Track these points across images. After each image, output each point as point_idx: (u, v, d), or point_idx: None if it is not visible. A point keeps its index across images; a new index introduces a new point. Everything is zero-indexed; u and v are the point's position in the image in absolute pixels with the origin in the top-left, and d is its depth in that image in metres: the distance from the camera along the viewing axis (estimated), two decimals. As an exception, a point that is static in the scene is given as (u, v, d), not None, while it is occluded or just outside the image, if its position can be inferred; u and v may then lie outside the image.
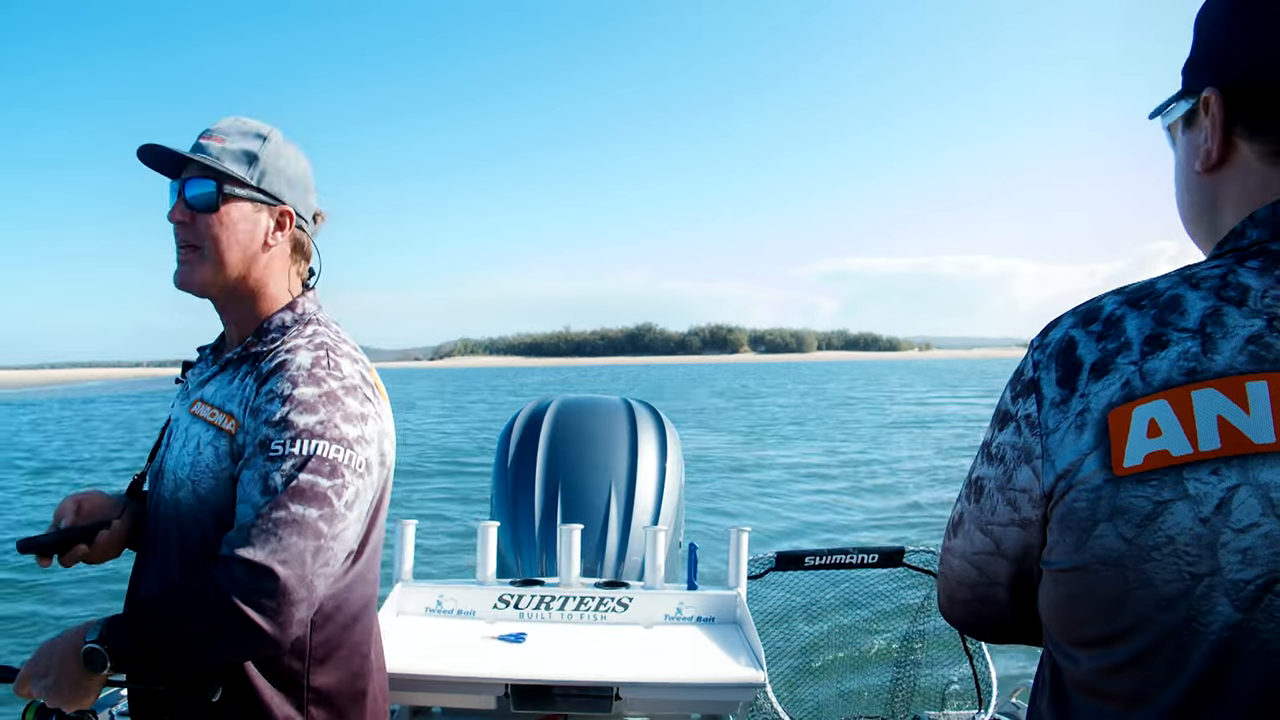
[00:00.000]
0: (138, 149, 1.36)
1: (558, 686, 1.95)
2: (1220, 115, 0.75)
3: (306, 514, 1.19)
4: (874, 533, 10.32)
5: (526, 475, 2.79)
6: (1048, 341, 0.75)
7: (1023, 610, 0.83)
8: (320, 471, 1.21)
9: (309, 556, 1.18)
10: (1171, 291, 0.71)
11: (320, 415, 1.24)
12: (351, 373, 1.31)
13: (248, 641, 1.16)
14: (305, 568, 1.18)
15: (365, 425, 1.29)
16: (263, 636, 1.15)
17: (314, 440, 1.22)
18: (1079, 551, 0.70)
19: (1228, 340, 0.66)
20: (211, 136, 1.36)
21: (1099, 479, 0.68)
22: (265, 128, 1.41)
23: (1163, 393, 0.67)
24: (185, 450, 1.32)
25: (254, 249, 1.38)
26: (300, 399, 1.24)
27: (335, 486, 1.22)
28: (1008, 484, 0.76)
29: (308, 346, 1.31)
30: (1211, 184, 0.78)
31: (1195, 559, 0.64)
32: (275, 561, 1.15)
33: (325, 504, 1.21)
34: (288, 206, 1.41)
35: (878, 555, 2.90)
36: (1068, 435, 0.70)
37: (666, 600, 2.35)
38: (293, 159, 1.43)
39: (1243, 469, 0.64)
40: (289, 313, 1.39)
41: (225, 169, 1.34)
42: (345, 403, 1.27)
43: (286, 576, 1.16)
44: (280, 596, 1.15)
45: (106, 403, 48.16)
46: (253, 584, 1.15)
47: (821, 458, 18.03)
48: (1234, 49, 0.75)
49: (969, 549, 0.84)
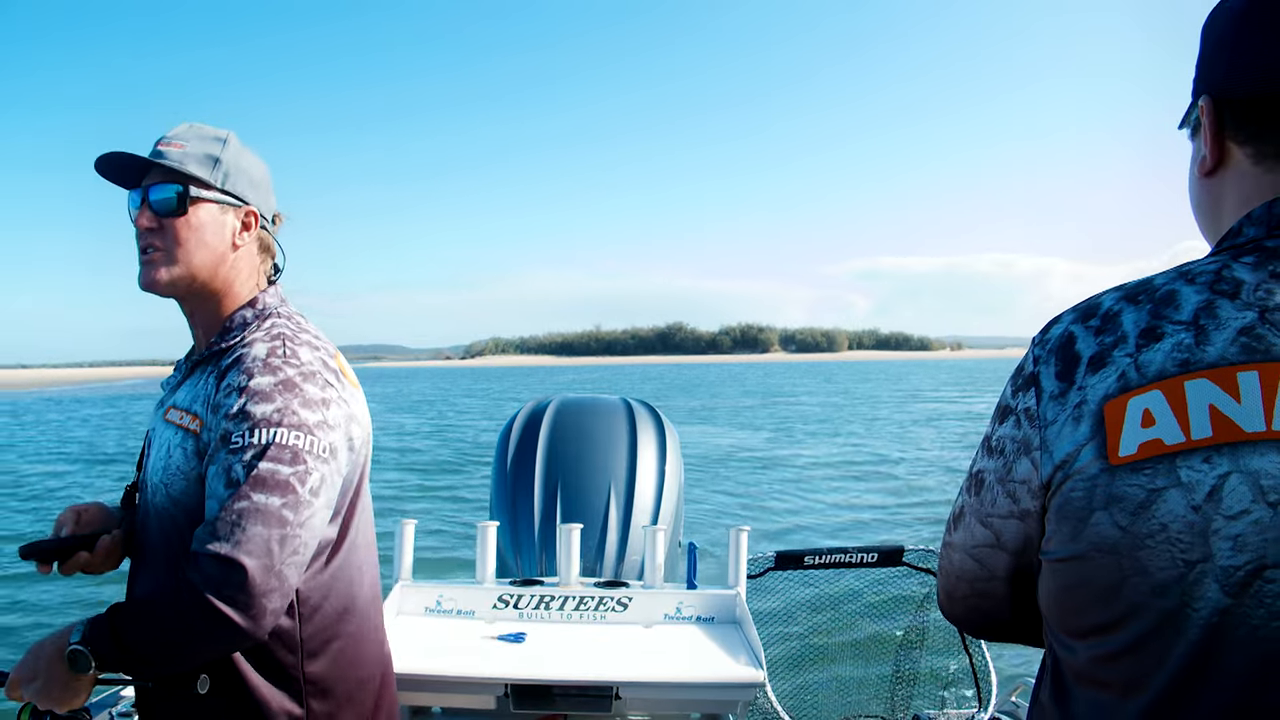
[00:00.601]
0: (95, 160, 1.36)
1: (557, 686, 1.95)
2: (1211, 123, 0.78)
3: (269, 503, 1.19)
4: (894, 531, 10.35)
5: (526, 475, 2.79)
6: (1048, 337, 0.77)
7: (1020, 606, 0.84)
8: (280, 459, 1.21)
9: (275, 545, 1.18)
10: (1167, 287, 0.73)
11: (277, 403, 1.24)
12: (310, 359, 1.31)
13: (222, 635, 1.16)
14: (272, 557, 1.17)
15: (327, 410, 1.28)
16: (235, 629, 1.15)
17: (272, 429, 1.22)
18: (1075, 540, 0.71)
19: (1220, 332, 0.68)
20: (170, 143, 1.37)
21: (1095, 468, 0.70)
22: (222, 132, 1.42)
23: (1157, 383, 0.68)
24: (159, 457, 1.33)
25: (222, 250, 1.38)
26: (256, 389, 1.24)
27: (298, 473, 1.22)
28: (1007, 476, 0.78)
29: (264, 339, 1.32)
30: (1212, 186, 0.81)
31: (1188, 546, 0.66)
32: (241, 553, 1.15)
33: (288, 491, 1.20)
34: (252, 207, 1.42)
35: (877, 554, 2.90)
36: (1065, 427, 0.72)
37: (666, 600, 2.35)
38: (253, 161, 1.45)
39: (1234, 457, 0.65)
40: (249, 309, 1.39)
41: (189, 172, 1.35)
42: (303, 389, 1.27)
43: (253, 567, 1.15)
44: (249, 588, 1.15)
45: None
46: (221, 577, 1.15)
47: (840, 454, 18.29)
48: (1216, 61, 0.79)
49: (969, 542, 0.85)
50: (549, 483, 2.76)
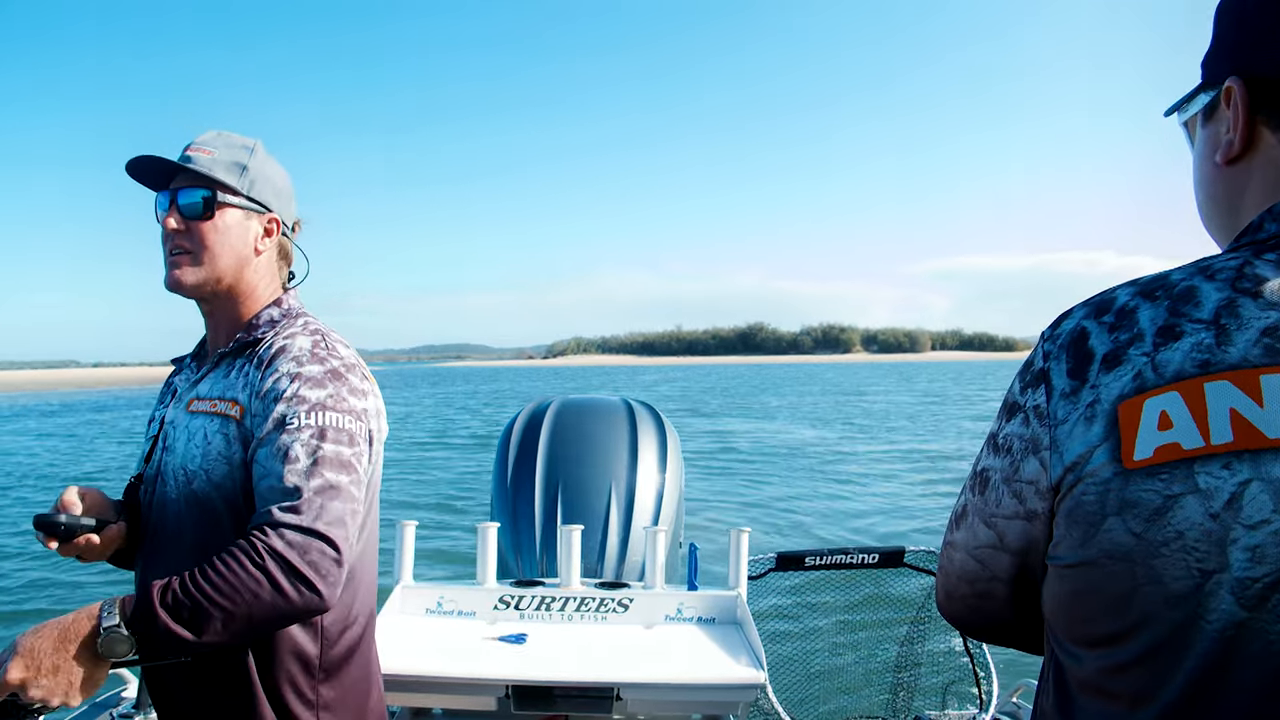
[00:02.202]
0: (127, 162, 1.40)
1: (558, 687, 1.95)
2: (1244, 104, 0.74)
3: (339, 480, 1.24)
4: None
5: (527, 476, 2.79)
6: (1059, 332, 0.74)
7: (1021, 609, 0.81)
8: (341, 440, 1.27)
9: (349, 519, 1.24)
10: (1186, 283, 0.69)
11: (329, 389, 1.31)
12: (347, 354, 1.39)
13: (303, 603, 1.18)
14: (348, 530, 1.23)
15: (366, 401, 1.35)
16: (318, 596, 1.18)
17: (328, 412, 1.28)
18: (1086, 546, 0.68)
19: (1242, 332, 0.65)
20: (199, 149, 1.42)
21: (1108, 471, 0.67)
22: (250, 140, 1.48)
23: (1175, 384, 0.65)
24: (193, 444, 1.35)
25: (245, 254, 1.44)
26: (308, 375, 1.31)
27: (355, 454, 1.28)
28: (1014, 475, 0.75)
29: (304, 332, 1.38)
30: (1233, 175, 0.77)
31: (1204, 555, 0.63)
32: (324, 526, 1.20)
33: (351, 470, 1.27)
34: (275, 214, 1.48)
35: (878, 555, 2.89)
36: (1077, 427, 0.69)
37: (667, 601, 2.34)
38: (277, 170, 1.51)
39: (1255, 463, 0.62)
40: (275, 308, 1.46)
41: (218, 178, 1.40)
42: (348, 379, 1.34)
43: (339, 538, 1.20)
44: (335, 558, 1.20)
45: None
46: (307, 545, 1.18)
47: (893, 450, 18.78)
48: (1260, 38, 0.74)
49: (972, 542, 0.82)
50: (550, 484, 2.75)
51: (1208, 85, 0.79)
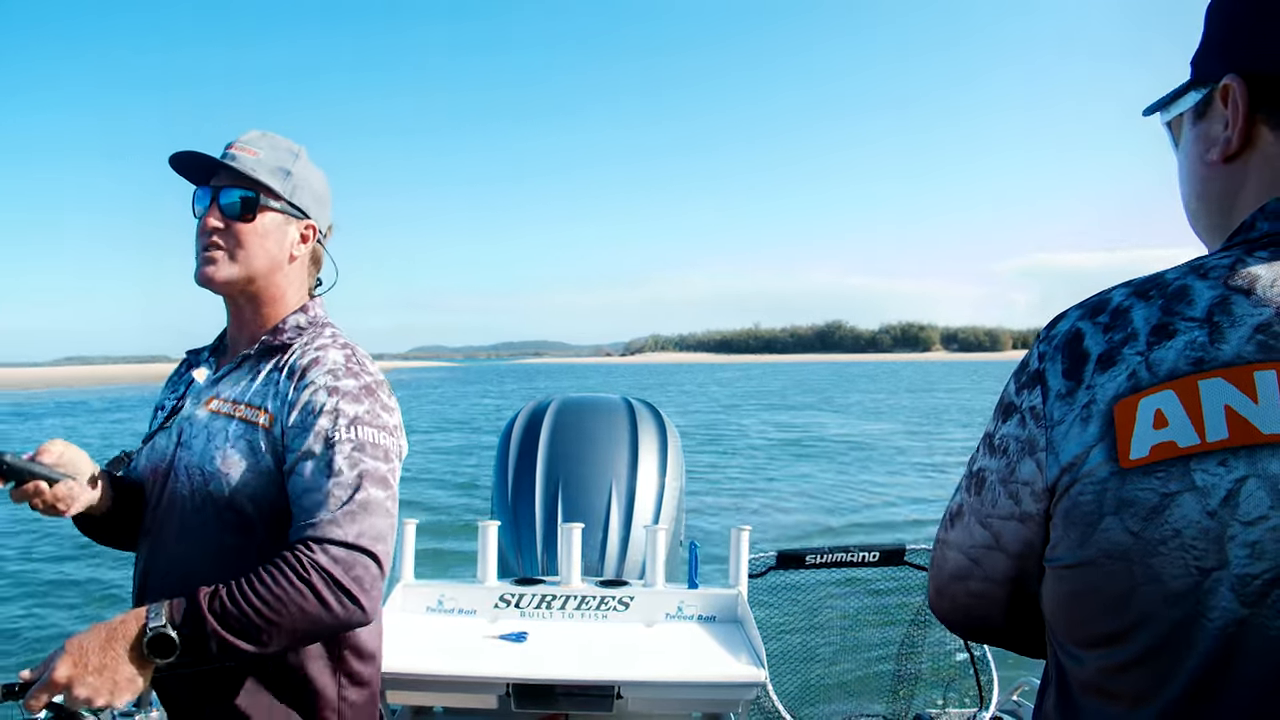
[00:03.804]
0: (171, 155, 1.40)
1: (559, 686, 1.95)
2: (1244, 101, 0.74)
3: (377, 495, 1.27)
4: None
5: (527, 474, 2.79)
6: (1054, 333, 0.74)
7: (1014, 611, 0.81)
8: (379, 456, 1.30)
9: (388, 534, 1.27)
10: (1179, 282, 0.69)
11: (366, 405, 1.33)
12: (376, 371, 1.40)
13: (346, 616, 1.21)
14: (388, 545, 1.27)
15: (393, 417, 1.38)
16: (361, 610, 1.22)
17: (366, 428, 1.31)
18: (1084, 546, 0.68)
19: (1236, 329, 0.65)
20: (244, 148, 1.42)
21: (1105, 471, 0.67)
22: (295, 145, 1.48)
23: (1169, 383, 0.65)
24: (213, 445, 1.35)
25: (280, 258, 1.44)
26: (345, 390, 1.33)
27: (391, 470, 1.32)
28: (1010, 476, 0.75)
29: (334, 345, 1.40)
30: (1228, 174, 0.77)
31: (1203, 553, 0.63)
32: (366, 540, 1.23)
33: (387, 486, 1.30)
34: (313, 221, 1.49)
35: (879, 553, 2.89)
36: (1073, 427, 0.69)
37: (667, 599, 2.34)
38: (318, 177, 1.51)
39: (1251, 460, 0.62)
40: (302, 315, 1.46)
41: (262, 180, 1.40)
42: (380, 395, 1.37)
43: (380, 553, 1.24)
44: (377, 572, 1.24)
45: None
46: (352, 559, 1.22)
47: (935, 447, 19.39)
48: (1260, 35, 0.73)
49: (967, 541, 0.82)
50: (550, 482, 2.75)
51: (1199, 83, 0.79)
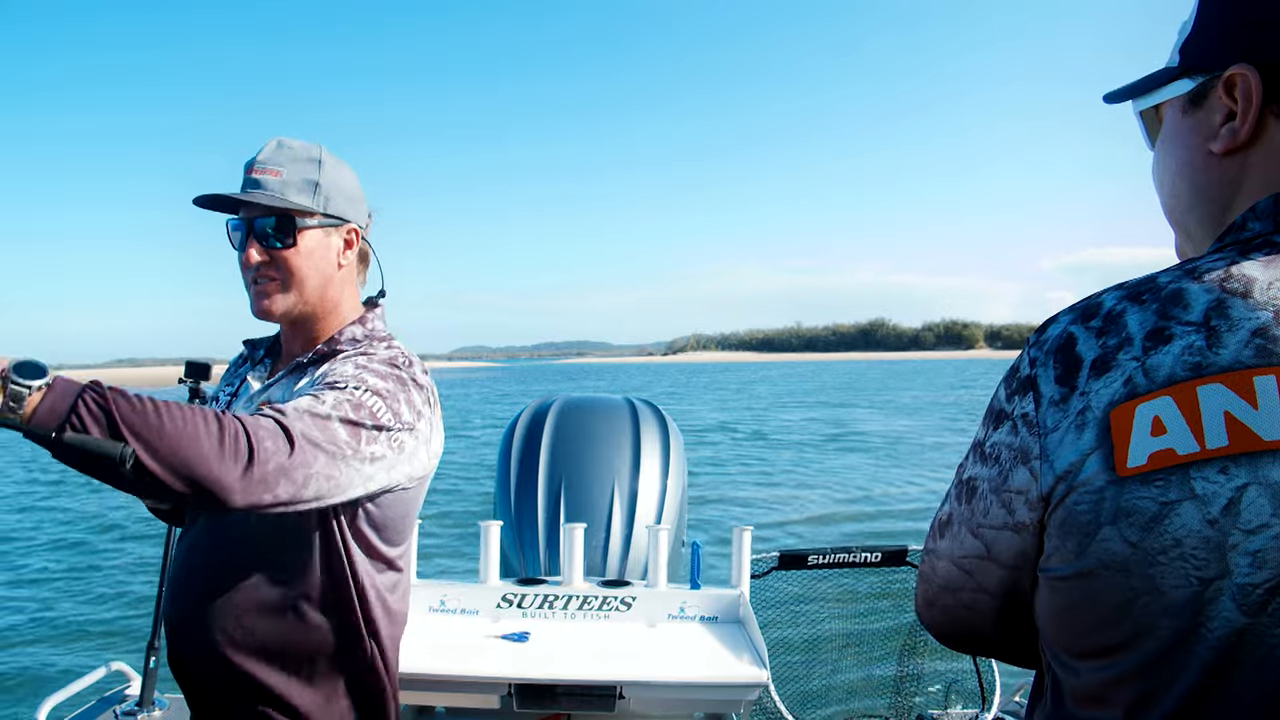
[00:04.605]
0: (194, 199, 1.36)
1: (561, 686, 1.95)
2: (1259, 93, 0.71)
3: (339, 430, 1.21)
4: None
5: (529, 474, 2.79)
6: (1045, 338, 0.72)
7: (1006, 622, 0.80)
8: (366, 416, 1.24)
9: (321, 455, 1.17)
10: (1173, 285, 0.68)
11: (389, 385, 1.29)
12: (424, 381, 1.37)
13: (226, 460, 1.07)
14: (312, 456, 1.16)
15: (418, 422, 1.32)
16: (240, 462, 1.08)
17: (374, 396, 1.26)
18: (1081, 557, 0.67)
19: (1233, 333, 0.63)
20: (266, 170, 1.36)
21: (1101, 480, 0.65)
22: (314, 149, 1.42)
23: (1167, 389, 0.64)
24: None
25: (329, 272, 1.42)
26: (375, 370, 1.30)
27: (370, 434, 1.24)
28: (1003, 485, 0.73)
29: (385, 348, 1.38)
30: (1227, 165, 0.74)
31: (1203, 562, 0.61)
32: (295, 432, 1.15)
33: (355, 435, 1.22)
34: (353, 224, 1.45)
35: (881, 554, 2.89)
36: (1067, 435, 0.67)
37: (670, 599, 2.34)
38: (346, 174, 1.45)
39: (1252, 467, 0.61)
40: (359, 327, 1.43)
41: (293, 204, 1.35)
42: (412, 395, 1.32)
43: (298, 448, 1.14)
44: (276, 455, 1.12)
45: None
46: (271, 429, 1.13)
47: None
48: (1262, 21, 0.71)
49: (957, 551, 0.80)
50: (553, 482, 2.76)
51: (1193, 70, 0.76)
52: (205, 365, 1.36)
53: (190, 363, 1.55)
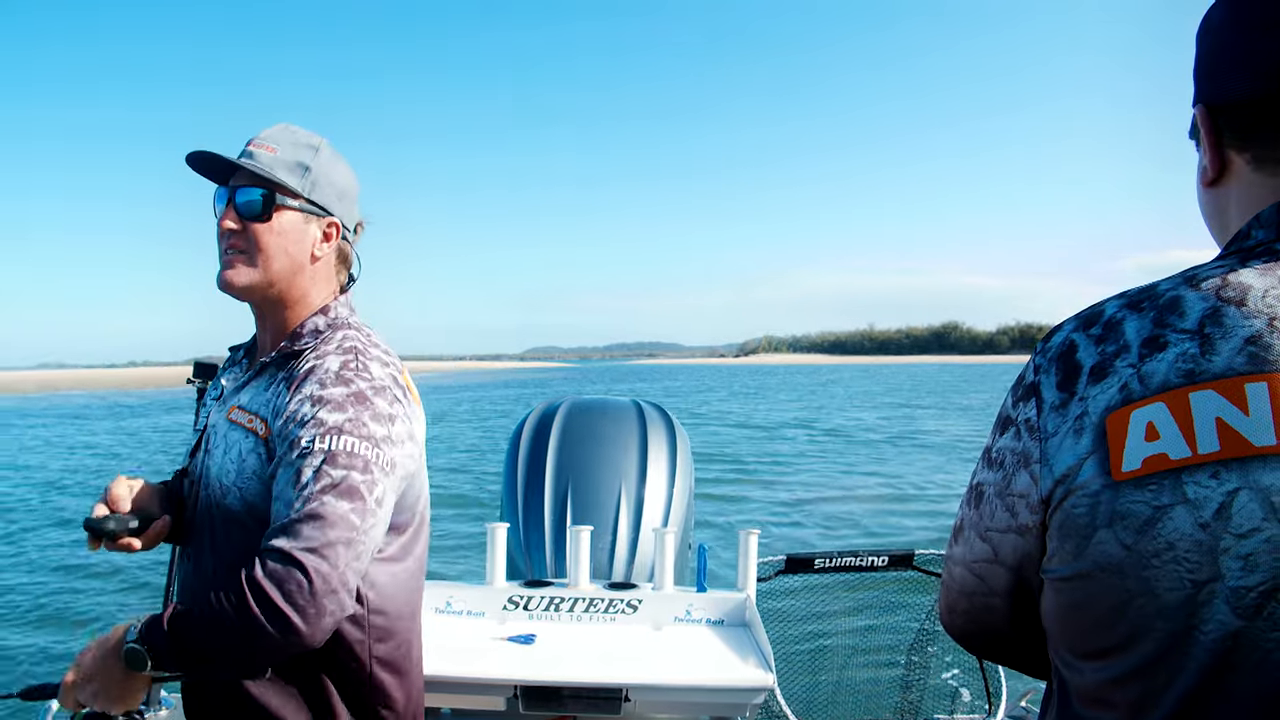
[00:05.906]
0: (187, 155, 1.37)
1: (567, 688, 1.96)
2: (1208, 130, 0.76)
3: (339, 506, 1.19)
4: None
5: (536, 477, 2.80)
6: (1049, 345, 0.74)
7: (1020, 624, 0.81)
8: (352, 466, 1.22)
9: (341, 549, 1.17)
10: (1171, 293, 0.70)
11: (349, 414, 1.25)
12: (381, 375, 1.32)
13: (279, 635, 1.14)
14: (338, 559, 1.17)
15: (393, 425, 1.29)
16: (293, 629, 1.14)
17: (343, 436, 1.23)
18: (1078, 559, 0.69)
19: (1227, 341, 0.65)
20: (262, 145, 1.37)
21: (1097, 484, 0.67)
22: (316, 138, 1.42)
23: (1160, 395, 0.66)
24: (229, 457, 1.33)
25: (301, 259, 1.39)
26: (329, 399, 1.26)
27: (366, 482, 1.22)
28: (1006, 489, 0.75)
29: (336, 351, 1.33)
30: (1215, 197, 0.78)
31: (1196, 565, 0.63)
32: (306, 552, 1.15)
33: (357, 498, 1.21)
34: (335, 219, 1.43)
35: (888, 558, 2.89)
36: (1066, 439, 0.69)
37: (676, 602, 2.35)
38: (342, 171, 1.45)
39: (1243, 472, 0.62)
40: (321, 317, 1.41)
41: (278, 179, 1.35)
42: (374, 403, 1.28)
43: (317, 567, 1.15)
44: (313, 588, 1.14)
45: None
46: (285, 575, 1.14)
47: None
48: (1205, 68, 0.76)
49: (969, 556, 0.82)
50: (559, 485, 2.76)
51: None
52: (214, 366, 1.37)
53: (199, 363, 1.57)
